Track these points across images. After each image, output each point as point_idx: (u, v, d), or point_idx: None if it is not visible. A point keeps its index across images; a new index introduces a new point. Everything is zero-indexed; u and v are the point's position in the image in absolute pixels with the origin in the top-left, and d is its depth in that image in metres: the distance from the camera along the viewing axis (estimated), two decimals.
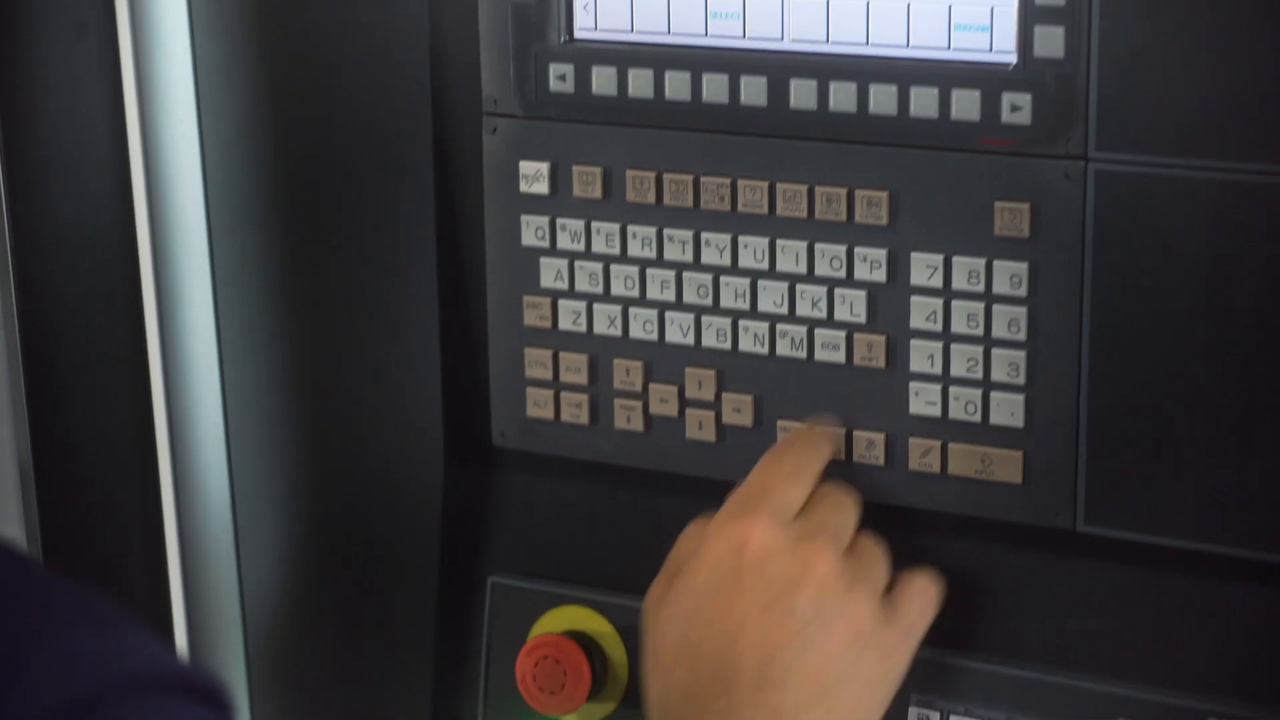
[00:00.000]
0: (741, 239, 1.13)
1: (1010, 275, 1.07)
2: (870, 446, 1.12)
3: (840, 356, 1.12)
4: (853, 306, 1.11)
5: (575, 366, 1.19)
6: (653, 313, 1.16)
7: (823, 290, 1.12)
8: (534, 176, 1.17)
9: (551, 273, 1.18)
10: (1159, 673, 1.09)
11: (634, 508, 1.21)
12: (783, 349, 1.13)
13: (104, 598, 0.78)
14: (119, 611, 0.78)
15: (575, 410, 1.19)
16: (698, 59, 1.11)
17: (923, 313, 1.09)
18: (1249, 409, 1.03)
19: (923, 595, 1.09)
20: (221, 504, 1.27)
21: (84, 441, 1.29)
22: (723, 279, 1.14)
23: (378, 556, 1.30)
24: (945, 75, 1.06)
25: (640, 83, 1.13)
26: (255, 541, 1.28)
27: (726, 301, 1.14)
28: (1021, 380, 1.08)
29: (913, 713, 1.13)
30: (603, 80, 1.14)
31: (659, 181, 1.14)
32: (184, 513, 1.25)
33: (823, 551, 1.05)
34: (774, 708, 1.02)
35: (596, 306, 1.17)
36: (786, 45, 1.10)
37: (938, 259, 1.08)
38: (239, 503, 1.27)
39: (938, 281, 1.09)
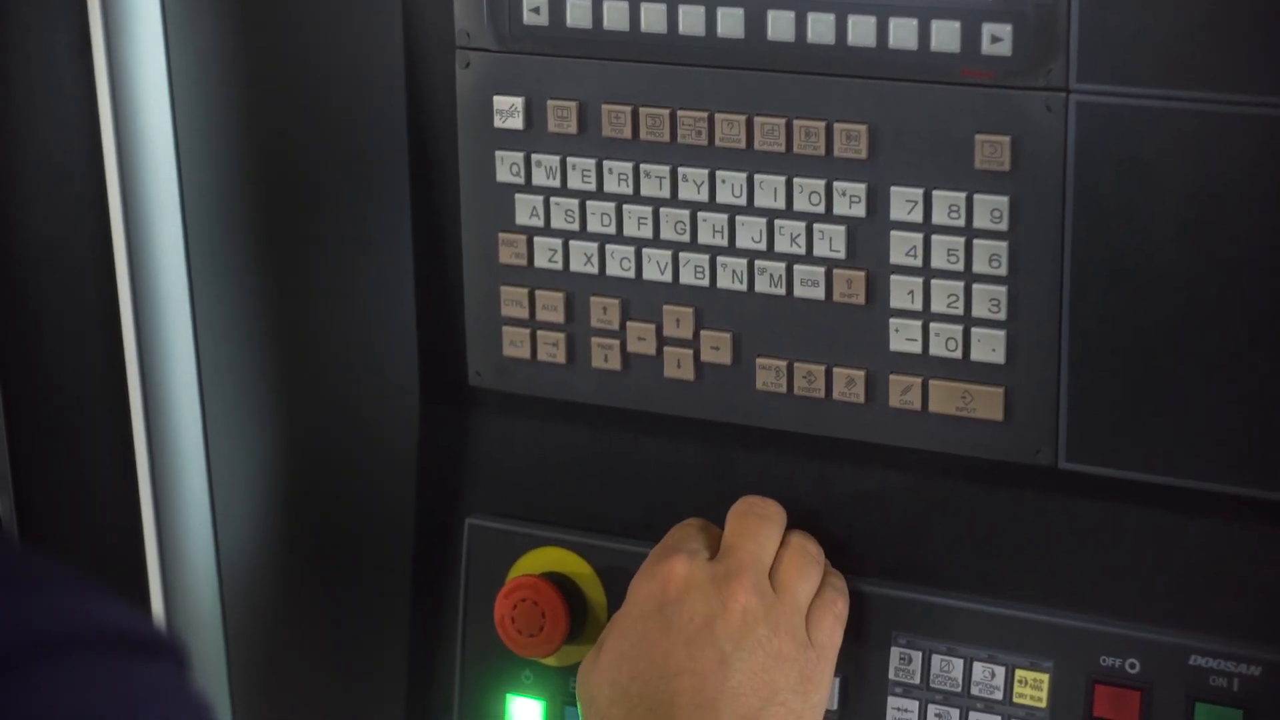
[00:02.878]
0: (719, 174, 1.11)
1: (991, 209, 1.06)
2: (850, 384, 1.11)
3: (819, 293, 1.11)
4: (832, 242, 1.10)
5: (551, 305, 1.17)
6: (630, 250, 1.14)
7: (801, 226, 1.10)
8: (508, 111, 1.15)
9: (527, 209, 1.16)
10: (1141, 609, 1.08)
11: (612, 448, 1.20)
12: (761, 285, 1.12)
13: (30, 551, 0.76)
14: (46, 566, 0.75)
15: (552, 349, 1.18)
16: None
17: (903, 248, 1.08)
18: (1231, 344, 1.02)
19: (831, 610, 1.11)
20: (195, 447, 1.25)
21: (57, 395, 1.28)
22: (700, 215, 1.12)
23: (354, 499, 1.29)
24: (925, 6, 1.04)
25: (615, 15, 1.11)
26: (229, 486, 1.27)
27: (704, 238, 1.13)
28: (1002, 316, 1.07)
29: (895, 652, 1.13)
30: (577, 12, 1.12)
31: (635, 116, 1.12)
32: (156, 457, 1.24)
33: (739, 587, 1.08)
34: None
35: (573, 244, 1.16)
36: None
37: (917, 193, 1.07)
38: (213, 447, 1.26)
39: (918, 216, 1.07)
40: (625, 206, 1.14)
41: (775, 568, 1.10)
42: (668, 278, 1.14)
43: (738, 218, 1.11)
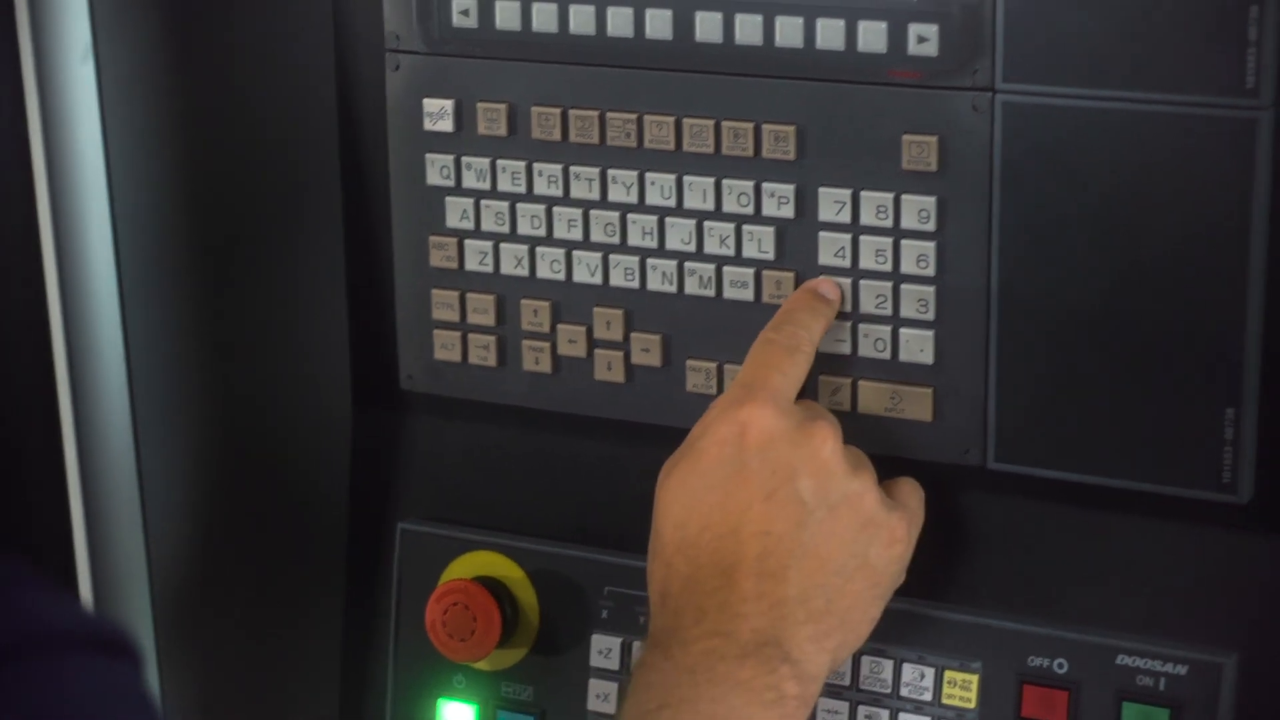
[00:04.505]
0: (648, 176, 1.11)
1: (919, 210, 1.06)
2: None
3: (749, 294, 1.11)
4: (761, 243, 1.10)
5: (482, 308, 1.17)
6: (560, 252, 1.14)
7: (730, 227, 1.10)
8: (438, 114, 1.15)
9: (457, 212, 1.16)
10: (1069, 609, 1.08)
11: (543, 450, 1.20)
12: (691, 287, 1.12)
13: None
14: (9, 567, 0.76)
15: (483, 352, 1.18)
16: None
17: (831, 249, 1.08)
18: (1157, 343, 1.03)
19: (916, 491, 1.07)
20: (125, 452, 1.25)
21: None
22: (630, 217, 1.12)
23: (286, 503, 1.28)
24: (851, 6, 1.05)
25: (544, 17, 1.11)
26: (161, 490, 1.27)
27: (634, 240, 1.13)
28: (931, 316, 1.07)
29: None
30: (506, 15, 1.12)
31: (564, 118, 1.12)
32: (86, 461, 1.23)
33: (826, 434, 1.03)
34: (775, 600, 1.01)
35: (503, 246, 1.16)
36: None
37: (846, 194, 1.07)
38: (144, 451, 1.25)
39: (846, 217, 1.07)
40: (555, 209, 1.14)
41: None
42: (598, 280, 1.14)
43: (667, 219, 1.11)
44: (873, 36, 1.05)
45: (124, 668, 0.77)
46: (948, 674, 1.10)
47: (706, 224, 1.11)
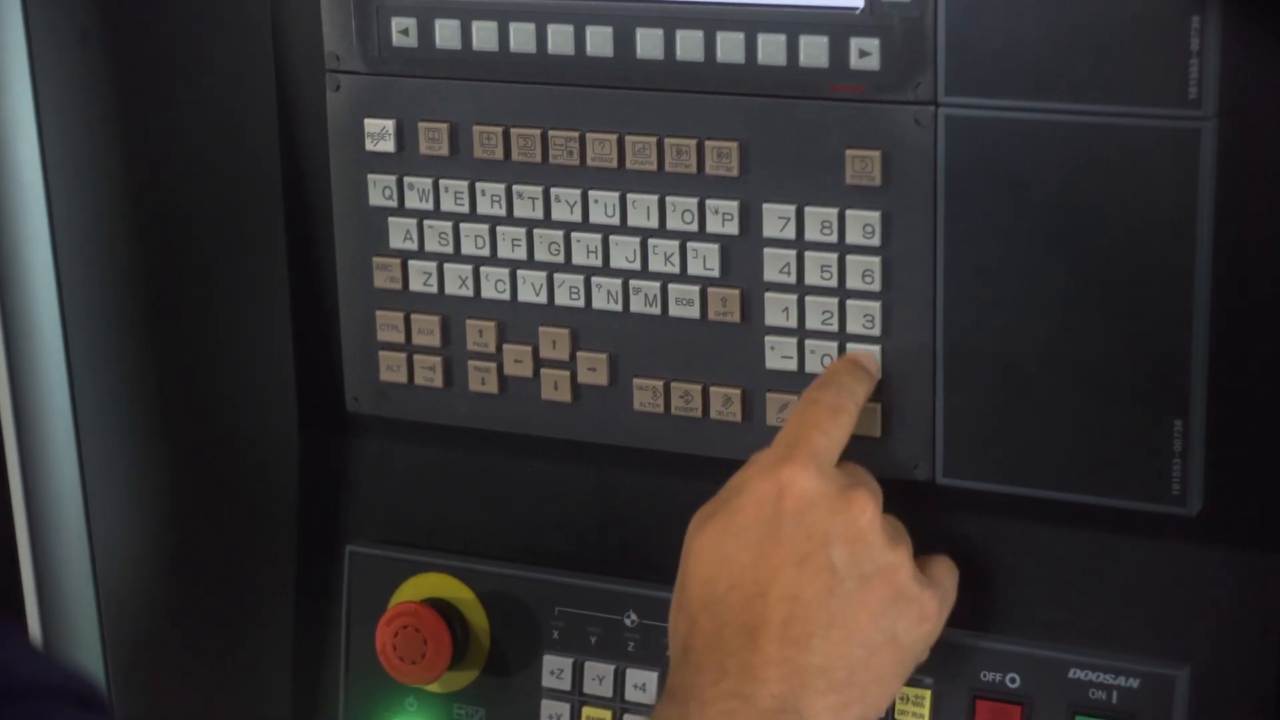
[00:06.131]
0: (592, 194, 1.11)
1: (863, 225, 1.05)
2: (727, 403, 1.10)
3: (694, 312, 1.10)
4: (705, 260, 1.09)
5: (427, 328, 1.16)
6: (504, 272, 1.14)
7: (675, 244, 1.10)
8: (379, 134, 1.14)
9: (400, 233, 1.15)
10: (1020, 624, 1.08)
11: (491, 471, 1.19)
12: (636, 305, 1.11)
13: None
14: None
15: (429, 373, 1.17)
16: (542, 10, 1.09)
17: (776, 265, 1.08)
18: (1104, 355, 1.02)
19: (952, 571, 1.06)
20: (71, 477, 1.24)
21: None
22: (574, 235, 1.12)
23: (234, 528, 1.27)
24: (793, 21, 1.04)
25: (485, 35, 1.11)
26: (108, 516, 1.26)
27: (579, 258, 1.12)
28: (877, 331, 1.06)
29: None
30: (446, 33, 1.11)
31: (506, 137, 1.12)
32: (31, 488, 1.22)
33: (865, 502, 1.01)
34: (796, 666, 0.99)
35: (447, 266, 1.15)
36: None
37: (789, 210, 1.07)
38: (89, 476, 1.24)
39: (790, 233, 1.07)
40: (499, 228, 1.13)
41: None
42: (543, 299, 1.13)
43: (611, 237, 1.11)
44: (814, 51, 1.04)
45: (94, 718, 0.77)
46: (900, 690, 1.09)
47: (651, 242, 1.10)
